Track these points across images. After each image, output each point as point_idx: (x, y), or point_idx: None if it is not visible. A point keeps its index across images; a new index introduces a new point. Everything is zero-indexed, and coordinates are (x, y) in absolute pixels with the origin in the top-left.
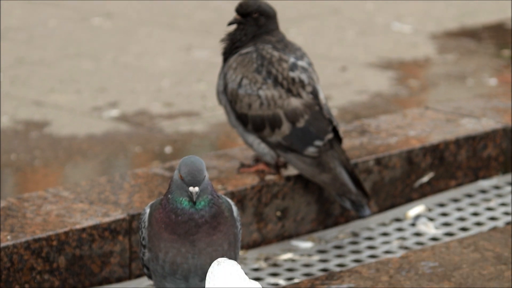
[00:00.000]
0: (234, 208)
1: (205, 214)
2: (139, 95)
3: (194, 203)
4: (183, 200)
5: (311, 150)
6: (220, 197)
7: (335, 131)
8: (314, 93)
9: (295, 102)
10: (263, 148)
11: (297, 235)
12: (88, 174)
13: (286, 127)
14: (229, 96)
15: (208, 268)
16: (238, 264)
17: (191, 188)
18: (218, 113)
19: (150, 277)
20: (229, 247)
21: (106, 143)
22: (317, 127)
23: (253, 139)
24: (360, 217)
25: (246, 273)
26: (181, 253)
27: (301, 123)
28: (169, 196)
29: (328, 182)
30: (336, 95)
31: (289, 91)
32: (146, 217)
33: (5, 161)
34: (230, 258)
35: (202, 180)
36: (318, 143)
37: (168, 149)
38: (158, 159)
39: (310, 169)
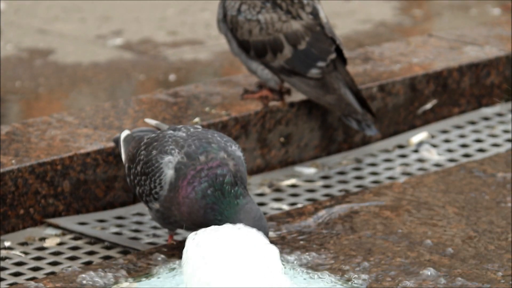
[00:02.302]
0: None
1: None
2: (143, 23)
3: None
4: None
5: (314, 72)
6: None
7: (338, 51)
8: (314, 13)
9: (295, 25)
10: (266, 73)
11: (300, 161)
12: (92, 101)
13: (287, 51)
14: (229, 24)
15: None
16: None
17: None
18: (222, 42)
19: (148, 206)
20: None
21: (110, 71)
22: (319, 48)
23: (256, 65)
24: (367, 136)
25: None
26: (194, 226)
27: (302, 45)
28: (215, 206)
29: (333, 103)
30: (340, 24)
31: (288, 12)
32: (167, 179)
33: (10, 88)
34: None
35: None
36: (321, 64)
37: (172, 77)
38: (162, 87)
39: (314, 91)
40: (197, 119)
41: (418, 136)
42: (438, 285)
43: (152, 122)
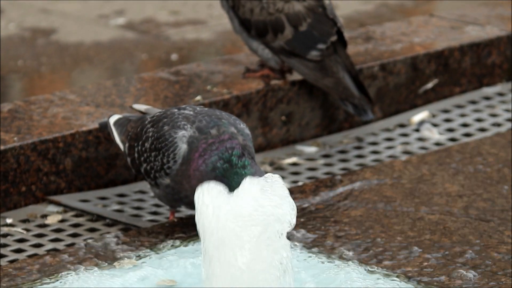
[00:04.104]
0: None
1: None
2: (145, 3)
3: None
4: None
5: (314, 54)
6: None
7: (339, 34)
8: None
9: (297, 6)
10: (267, 53)
11: (301, 139)
12: (94, 80)
13: (288, 32)
14: (230, 2)
15: None
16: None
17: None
18: (224, 22)
19: (150, 184)
20: None
21: (113, 50)
22: (320, 30)
23: (257, 44)
24: (363, 121)
25: None
26: None
27: (303, 27)
28: (224, 180)
29: (331, 86)
30: (342, 4)
31: None
32: (180, 153)
33: (12, 67)
34: None
35: None
36: (321, 46)
37: (174, 56)
38: (164, 66)
39: (313, 74)
40: (198, 97)
41: (419, 115)
42: (439, 262)
43: (142, 107)
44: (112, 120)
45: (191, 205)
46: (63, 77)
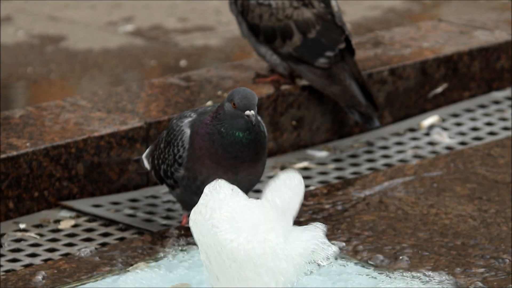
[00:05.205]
0: (263, 125)
1: (251, 147)
2: (153, 10)
3: (253, 125)
4: (238, 133)
5: (322, 61)
6: (260, 125)
7: (347, 41)
8: (326, 1)
9: (306, 13)
10: (275, 59)
11: (312, 144)
12: (104, 87)
13: (297, 38)
14: (239, 7)
15: (244, 190)
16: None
17: (247, 112)
18: (233, 28)
19: (171, 187)
20: (263, 168)
21: (122, 57)
22: (328, 38)
23: (265, 50)
24: (369, 129)
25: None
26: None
27: (312, 34)
28: (222, 130)
29: (338, 94)
30: (350, 10)
31: None
32: (186, 138)
33: (22, 74)
34: (262, 174)
35: (256, 105)
36: (329, 53)
37: (183, 63)
38: (173, 72)
39: (320, 81)
40: (209, 103)
41: (429, 119)
42: (451, 264)
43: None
44: (144, 154)
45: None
46: (72, 84)
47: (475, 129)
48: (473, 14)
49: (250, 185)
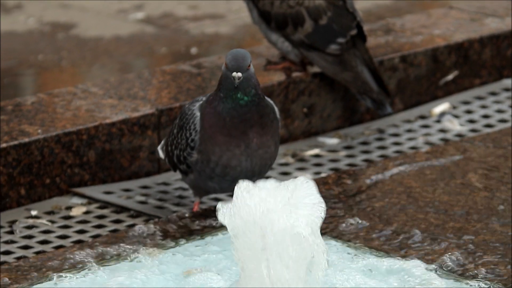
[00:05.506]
0: (277, 110)
1: (252, 109)
2: None
3: (236, 87)
4: (234, 96)
5: (333, 48)
6: (265, 98)
7: (359, 28)
8: None
9: None
10: (286, 46)
11: (323, 131)
12: (115, 74)
13: (308, 25)
14: None
15: (257, 170)
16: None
17: (234, 73)
18: (243, 15)
19: (184, 173)
20: (275, 148)
21: (132, 45)
22: (340, 24)
23: (276, 37)
24: (381, 115)
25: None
26: (235, 156)
27: (323, 20)
28: (221, 94)
29: (350, 80)
30: None
31: None
32: (197, 120)
33: (33, 62)
34: (274, 158)
35: (246, 68)
36: (340, 40)
37: (194, 50)
38: (184, 60)
39: (332, 68)
40: None
41: (440, 106)
42: (462, 251)
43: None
44: (159, 146)
45: (224, 177)
46: (83, 71)
47: (486, 116)
48: (484, 1)
49: (263, 164)
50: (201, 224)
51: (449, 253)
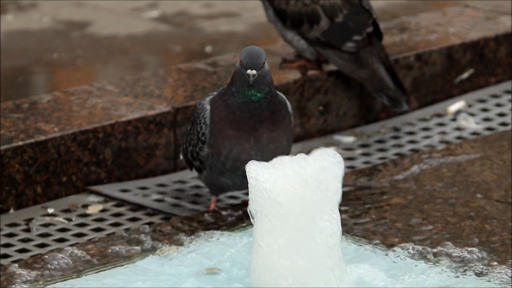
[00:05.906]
0: (289, 104)
1: (264, 106)
2: None
3: (250, 85)
4: (247, 92)
5: (349, 45)
6: (277, 94)
7: (375, 25)
8: None
9: None
10: (302, 44)
11: (339, 129)
12: (129, 72)
13: (324, 23)
14: None
15: None
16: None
17: (248, 71)
18: (258, 14)
19: (199, 170)
20: (287, 143)
21: (147, 43)
22: (356, 22)
23: (292, 35)
24: (398, 112)
25: None
26: (245, 150)
27: (339, 18)
28: (232, 89)
29: (366, 78)
30: None
31: None
32: (207, 114)
33: (48, 60)
34: (287, 153)
35: (261, 65)
36: (356, 37)
37: (208, 49)
38: (199, 58)
39: (348, 65)
40: None
41: (456, 105)
42: (479, 248)
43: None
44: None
45: (235, 171)
46: (98, 70)
47: (501, 114)
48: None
49: (273, 157)
50: (218, 222)
51: (468, 251)
